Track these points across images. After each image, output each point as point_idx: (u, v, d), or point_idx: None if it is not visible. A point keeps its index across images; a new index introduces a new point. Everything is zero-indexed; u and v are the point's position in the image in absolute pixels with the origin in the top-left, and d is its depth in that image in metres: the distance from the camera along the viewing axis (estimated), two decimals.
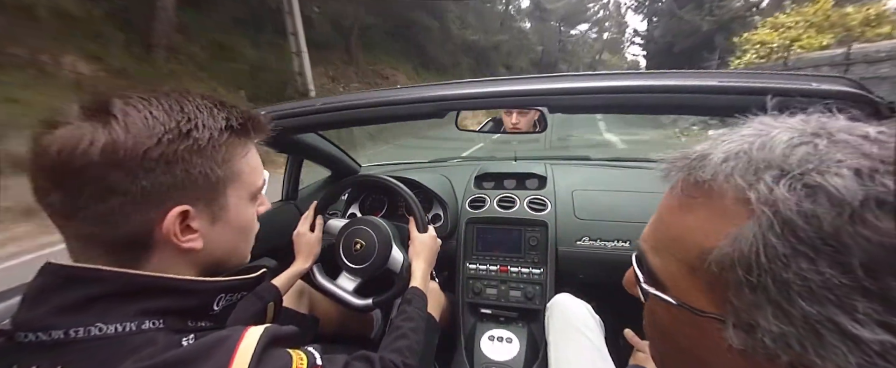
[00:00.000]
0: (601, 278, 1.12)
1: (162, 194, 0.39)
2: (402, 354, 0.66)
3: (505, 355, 1.06)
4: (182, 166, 0.39)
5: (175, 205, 0.40)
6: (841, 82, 0.56)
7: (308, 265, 0.97)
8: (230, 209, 0.45)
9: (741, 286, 0.24)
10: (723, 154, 0.27)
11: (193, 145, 0.39)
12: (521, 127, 1.36)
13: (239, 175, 0.45)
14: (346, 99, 0.79)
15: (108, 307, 0.37)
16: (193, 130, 0.40)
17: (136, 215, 0.38)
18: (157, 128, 0.38)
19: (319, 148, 1.26)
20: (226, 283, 0.45)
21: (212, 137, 0.41)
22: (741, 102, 0.62)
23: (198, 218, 0.42)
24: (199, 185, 0.41)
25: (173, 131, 0.38)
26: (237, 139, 0.44)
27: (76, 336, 0.35)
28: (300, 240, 1.00)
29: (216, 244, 0.45)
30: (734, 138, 0.28)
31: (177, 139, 0.38)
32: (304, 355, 0.43)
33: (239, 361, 0.37)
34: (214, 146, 0.41)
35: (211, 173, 0.41)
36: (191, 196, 0.41)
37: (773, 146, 0.25)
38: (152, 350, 0.36)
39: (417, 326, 0.74)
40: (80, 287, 0.37)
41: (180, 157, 0.39)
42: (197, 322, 0.43)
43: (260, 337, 0.40)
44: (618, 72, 0.81)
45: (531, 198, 1.22)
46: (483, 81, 0.74)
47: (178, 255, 0.42)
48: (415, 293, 0.82)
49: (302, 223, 1.02)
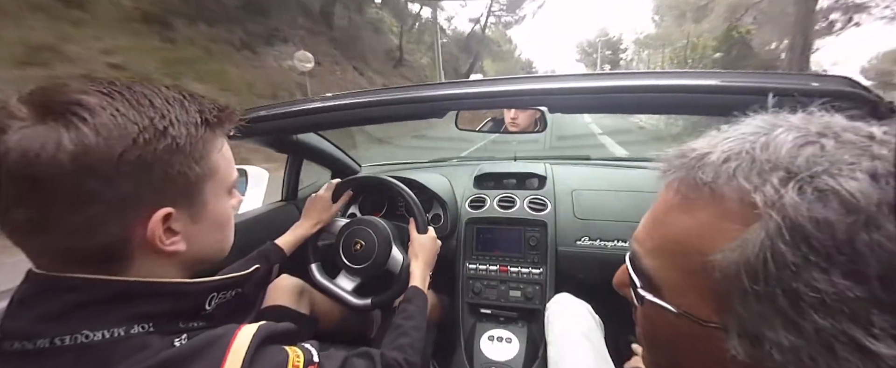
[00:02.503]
0: (601, 278, 1.12)
1: (140, 199, 0.36)
2: (404, 351, 0.65)
3: (504, 355, 1.06)
4: (160, 167, 0.36)
5: (155, 208, 0.37)
6: (841, 82, 0.56)
7: (313, 230, 0.98)
8: (209, 207, 0.43)
9: (747, 295, 0.23)
10: (723, 154, 0.26)
11: (172, 144, 0.36)
12: (519, 122, 1.36)
13: (216, 171, 0.42)
14: (346, 99, 0.79)
15: (95, 313, 0.35)
16: (169, 127, 0.36)
17: (113, 223, 0.35)
18: (130, 127, 0.34)
19: (319, 148, 1.26)
20: (217, 283, 0.44)
21: (189, 133, 0.38)
22: (741, 102, 0.62)
23: (179, 219, 0.39)
24: (178, 185, 0.38)
25: (149, 130, 0.35)
26: (212, 133, 0.41)
27: (62, 344, 0.34)
28: (314, 203, 1.01)
29: (199, 244, 0.43)
30: (734, 137, 0.26)
31: (153, 139, 0.35)
32: (300, 352, 0.43)
33: (232, 360, 0.37)
34: (192, 143, 0.38)
35: (190, 171, 0.39)
36: (170, 198, 0.38)
37: (777, 146, 0.24)
38: (144, 353, 0.35)
39: (418, 324, 0.74)
40: (64, 295, 0.35)
41: (158, 158, 0.36)
42: (189, 322, 0.41)
43: (253, 336, 0.39)
44: (618, 72, 0.81)
45: (531, 198, 1.22)
46: (483, 80, 0.74)
47: (160, 259, 0.40)
48: (415, 292, 0.82)
49: (323, 189, 1.03)
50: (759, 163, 0.24)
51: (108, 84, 0.36)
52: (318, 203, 1.01)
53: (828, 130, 0.24)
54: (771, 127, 0.26)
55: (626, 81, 0.65)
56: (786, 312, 0.21)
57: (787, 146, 0.23)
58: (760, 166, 0.24)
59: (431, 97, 0.73)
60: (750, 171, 0.24)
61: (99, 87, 0.35)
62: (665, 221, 0.29)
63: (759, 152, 0.24)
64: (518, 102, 0.85)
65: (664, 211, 0.30)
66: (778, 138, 0.24)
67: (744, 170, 0.24)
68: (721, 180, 0.25)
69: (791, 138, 0.24)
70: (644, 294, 0.30)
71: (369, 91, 0.79)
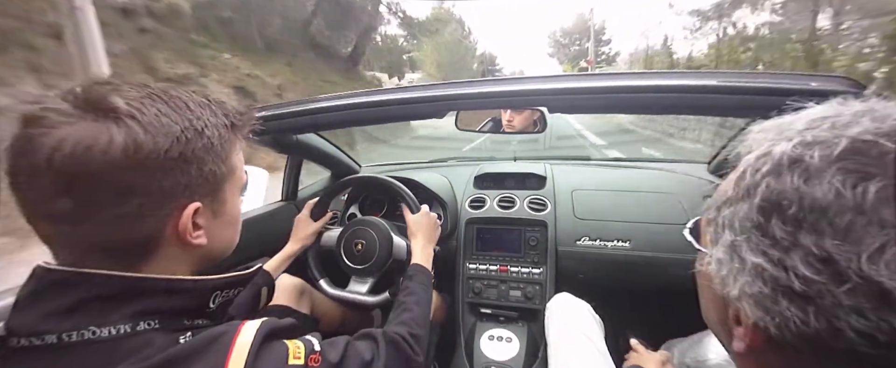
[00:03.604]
0: (601, 277, 1.13)
1: (177, 193, 0.39)
2: (408, 325, 0.65)
3: (505, 355, 1.06)
4: (196, 164, 0.39)
5: (188, 202, 0.40)
6: (841, 82, 0.56)
7: (297, 248, 0.99)
8: (228, 204, 0.46)
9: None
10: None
11: (207, 143, 0.40)
12: (515, 124, 1.35)
13: (234, 171, 0.45)
14: (346, 99, 0.79)
15: (101, 309, 0.36)
16: (205, 128, 0.40)
17: (151, 215, 0.38)
18: (173, 127, 0.37)
19: (319, 148, 1.26)
20: (221, 280, 0.45)
21: (219, 134, 0.42)
22: (741, 102, 0.63)
23: (203, 215, 0.42)
24: (208, 182, 0.41)
25: (189, 131, 0.38)
26: (234, 136, 0.45)
27: (70, 341, 0.34)
28: (298, 223, 1.03)
29: (216, 239, 0.45)
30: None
31: (193, 138, 0.39)
32: (300, 343, 0.44)
33: (236, 357, 0.38)
34: (221, 144, 0.42)
35: (217, 169, 0.42)
36: (200, 193, 0.41)
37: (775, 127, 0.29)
38: (149, 350, 0.36)
39: (421, 299, 0.75)
40: (71, 291, 0.36)
41: (195, 155, 0.39)
42: (193, 319, 0.42)
43: (257, 332, 0.40)
44: (618, 72, 0.82)
45: (531, 198, 1.22)
46: (483, 80, 0.74)
47: (181, 253, 0.42)
48: (416, 268, 0.83)
49: (305, 209, 1.05)
50: (773, 131, 0.29)
51: (145, 87, 0.39)
52: (299, 225, 1.03)
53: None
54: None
55: (626, 82, 0.65)
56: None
57: (798, 122, 0.28)
58: (770, 134, 0.29)
59: (431, 97, 0.74)
60: (760, 139, 0.29)
61: (139, 89, 0.38)
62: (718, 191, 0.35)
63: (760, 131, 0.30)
64: (518, 102, 0.85)
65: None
66: (799, 118, 0.28)
67: (759, 139, 0.29)
68: (749, 150, 0.30)
69: (809, 117, 0.27)
70: (695, 245, 0.36)
71: (369, 91, 0.79)
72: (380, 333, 0.57)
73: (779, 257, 0.24)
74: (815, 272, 0.22)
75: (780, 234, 0.24)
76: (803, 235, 0.23)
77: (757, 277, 0.25)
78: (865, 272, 0.21)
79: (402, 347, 0.59)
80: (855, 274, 0.21)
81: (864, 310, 0.21)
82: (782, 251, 0.24)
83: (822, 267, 0.22)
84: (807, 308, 0.23)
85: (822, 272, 0.22)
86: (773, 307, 0.25)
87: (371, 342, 0.55)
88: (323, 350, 0.45)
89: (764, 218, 0.25)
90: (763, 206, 0.25)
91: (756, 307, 0.26)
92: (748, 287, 0.26)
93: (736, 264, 0.27)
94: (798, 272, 0.23)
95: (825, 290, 0.22)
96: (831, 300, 0.22)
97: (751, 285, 0.26)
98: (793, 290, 0.23)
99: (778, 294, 0.24)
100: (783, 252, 0.24)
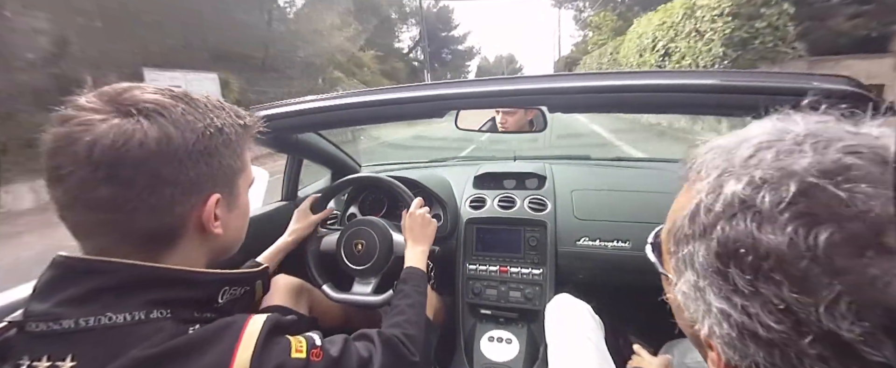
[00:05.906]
0: (601, 278, 1.12)
1: (202, 184, 0.43)
2: (401, 327, 0.68)
3: (505, 356, 1.05)
4: (217, 158, 0.44)
5: (211, 193, 0.44)
6: (841, 81, 0.56)
7: (291, 240, 1.00)
8: (240, 198, 0.50)
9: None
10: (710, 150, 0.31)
11: (226, 139, 0.45)
12: (509, 126, 1.35)
13: (245, 166, 0.50)
14: (346, 99, 0.79)
15: (117, 297, 0.39)
16: (224, 125, 0.45)
17: (180, 204, 0.42)
18: (197, 124, 0.42)
19: (319, 148, 1.26)
20: (230, 276, 0.48)
21: (236, 131, 0.46)
22: (741, 102, 0.62)
23: (221, 206, 0.46)
24: (227, 175, 0.46)
25: (211, 127, 0.43)
26: (246, 134, 0.49)
27: (87, 326, 0.37)
28: (296, 215, 1.05)
29: (230, 229, 0.49)
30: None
31: (215, 134, 0.43)
32: (303, 339, 0.47)
33: (245, 343, 0.41)
34: (237, 141, 0.47)
35: (234, 164, 0.47)
36: (220, 186, 0.45)
37: (742, 145, 0.28)
38: (160, 336, 0.38)
39: (415, 302, 0.76)
40: (89, 279, 0.39)
41: (217, 149, 0.44)
42: (202, 313, 0.45)
43: (264, 323, 0.44)
44: (618, 71, 0.81)
45: (531, 198, 1.22)
46: (483, 80, 0.74)
47: (200, 245, 0.46)
48: (409, 272, 0.85)
49: (305, 202, 1.07)
50: (722, 157, 0.28)
51: (167, 90, 0.43)
52: (298, 216, 1.05)
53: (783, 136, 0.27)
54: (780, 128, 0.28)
55: (626, 81, 0.65)
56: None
57: (744, 148, 0.27)
58: (719, 160, 0.28)
59: (431, 97, 0.73)
60: (711, 164, 0.29)
61: (162, 92, 0.42)
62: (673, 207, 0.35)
63: (725, 151, 0.29)
64: (518, 101, 0.85)
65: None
66: (745, 140, 0.28)
67: (710, 163, 0.29)
68: (700, 171, 0.30)
69: (754, 141, 0.27)
70: (659, 269, 0.37)
71: (369, 91, 0.79)
72: (375, 333, 0.60)
73: (742, 304, 0.24)
74: (778, 322, 0.23)
75: (740, 283, 0.24)
76: (762, 284, 0.23)
77: (724, 320, 0.26)
78: (824, 324, 0.21)
79: (398, 346, 0.62)
80: (815, 326, 0.21)
81: (829, 360, 0.22)
82: (744, 298, 0.24)
83: (783, 317, 0.22)
84: (773, 353, 0.24)
85: (784, 322, 0.22)
86: (743, 348, 0.25)
87: (368, 341, 0.58)
88: (324, 346, 0.49)
89: (722, 265, 0.25)
90: (719, 252, 0.25)
91: (726, 347, 0.26)
92: (717, 329, 0.26)
93: (702, 305, 0.27)
94: (762, 321, 0.23)
95: (789, 340, 0.22)
96: (796, 349, 0.22)
97: (719, 326, 0.26)
98: (758, 336, 0.24)
99: (746, 338, 0.24)
100: (745, 300, 0.24)
